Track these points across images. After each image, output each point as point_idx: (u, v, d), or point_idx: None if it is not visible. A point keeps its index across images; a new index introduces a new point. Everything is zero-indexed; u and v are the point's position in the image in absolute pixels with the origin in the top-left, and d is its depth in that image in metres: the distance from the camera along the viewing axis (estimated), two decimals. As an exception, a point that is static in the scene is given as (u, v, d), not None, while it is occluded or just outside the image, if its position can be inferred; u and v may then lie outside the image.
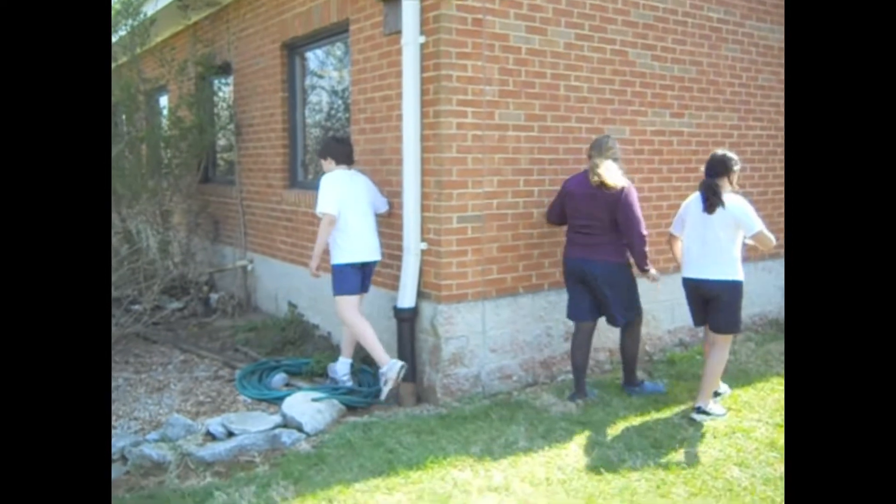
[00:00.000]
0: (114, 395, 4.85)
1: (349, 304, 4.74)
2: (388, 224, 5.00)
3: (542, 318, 5.01)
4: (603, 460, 3.77)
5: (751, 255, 6.42)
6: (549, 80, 4.89)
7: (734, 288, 4.29)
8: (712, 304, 4.35)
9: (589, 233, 4.53)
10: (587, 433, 4.13)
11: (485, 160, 4.65)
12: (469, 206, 4.62)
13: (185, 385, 5.04)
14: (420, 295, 4.71)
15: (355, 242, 4.74)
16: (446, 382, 4.63)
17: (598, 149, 4.54)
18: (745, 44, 6.11)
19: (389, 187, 4.98)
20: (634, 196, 4.50)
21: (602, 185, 4.41)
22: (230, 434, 4.08)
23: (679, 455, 3.84)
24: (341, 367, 4.98)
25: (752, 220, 4.25)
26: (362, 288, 4.84)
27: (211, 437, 4.09)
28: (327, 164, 4.93)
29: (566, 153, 5.03)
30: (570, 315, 4.73)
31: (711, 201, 4.26)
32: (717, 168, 4.35)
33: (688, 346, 5.86)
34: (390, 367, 4.51)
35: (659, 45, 5.47)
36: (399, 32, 4.63)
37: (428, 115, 4.57)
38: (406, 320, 4.66)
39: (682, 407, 4.54)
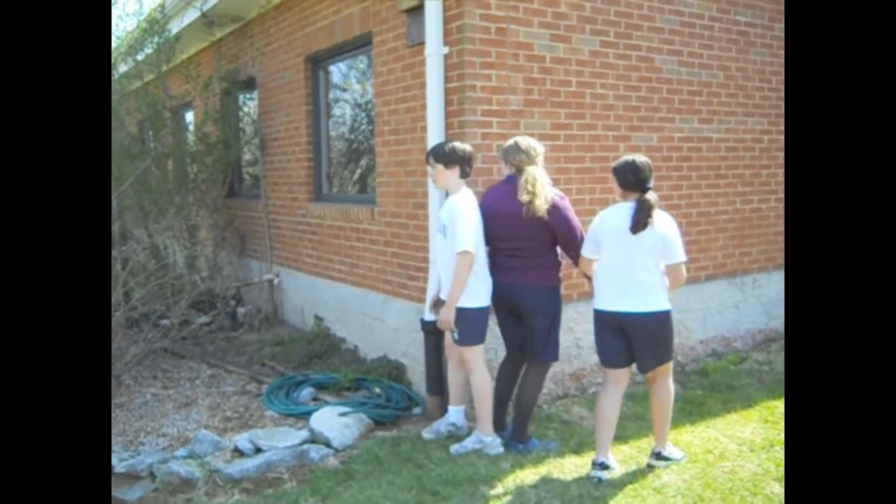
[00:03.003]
0: (142, 411, 4.86)
1: (480, 354, 4.07)
2: (414, 236, 4.96)
3: (572, 329, 4.92)
4: (636, 475, 3.68)
5: (784, 263, 6.28)
6: (574, 88, 4.83)
7: (666, 319, 3.62)
8: (643, 341, 3.61)
9: (520, 255, 3.94)
10: (620, 447, 4.03)
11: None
12: (495, 216, 4.56)
13: (212, 400, 5.04)
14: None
15: (486, 282, 4.01)
16: (470, 396, 4.56)
17: (526, 153, 3.88)
18: (774, 47, 5.99)
19: (415, 198, 4.94)
20: (569, 205, 3.95)
21: (531, 204, 3.77)
22: (258, 450, 4.05)
23: (716, 470, 3.73)
24: (456, 416, 4.30)
25: (680, 247, 3.60)
26: None
27: (239, 453, 4.06)
28: (450, 173, 4.00)
29: (593, 161, 4.96)
30: (505, 343, 4.23)
31: (644, 219, 3.49)
32: (650, 177, 3.61)
33: (721, 356, 5.73)
34: (490, 443, 4.02)
35: (685, 51, 5.39)
36: (422, 44, 4.61)
37: (452, 126, 4.53)
38: (432, 332, 4.60)
39: (716, 419, 4.42)
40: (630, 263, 3.57)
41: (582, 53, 4.85)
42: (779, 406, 4.62)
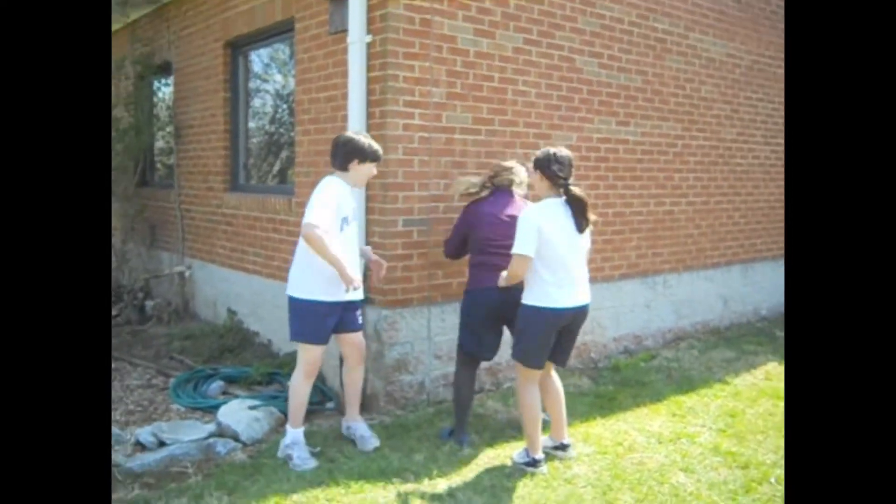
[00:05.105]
0: (37, 405, 4.58)
1: None
2: (332, 227, 4.87)
3: (489, 324, 4.94)
4: (549, 467, 3.70)
5: (693, 265, 6.50)
6: (496, 83, 4.85)
7: None
8: (574, 333, 3.77)
9: (507, 255, 3.85)
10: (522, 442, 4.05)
11: (431, 163, 4.57)
12: (415, 209, 4.53)
13: (115, 394, 4.78)
14: (363, 300, 4.58)
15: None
16: (390, 390, 4.51)
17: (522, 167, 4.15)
18: (688, 55, 6.20)
19: (334, 190, 4.85)
20: None
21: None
22: (161, 444, 3.88)
23: (625, 461, 3.80)
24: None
25: None
26: None
27: (140, 446, 3.88)
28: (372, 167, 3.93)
29: (514, 158, 4.98)
30: (482, 352, 4.10)
31: (585, 219, 3.61)
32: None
33: (632, 353, 5.86)
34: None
35: (606, 53, 5.51)
36: (345, 31, 4.53)
37: (374, 116, 4.48)
38: (349, 326, 4.52)
39: (626, 413, 4.51)
40: (577, 258, 3.63)
41: (505, 50, 4.87)
42: (686, 401, 4.76)
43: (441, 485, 3.50)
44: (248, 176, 6.31)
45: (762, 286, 7.38)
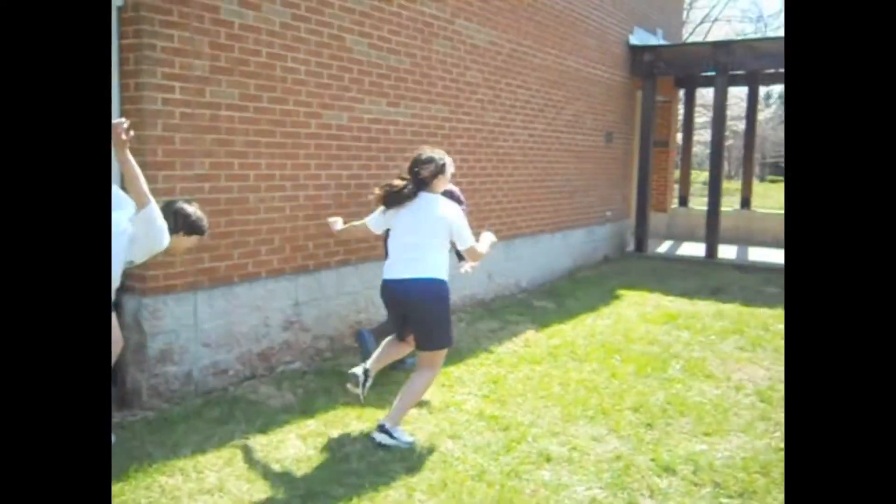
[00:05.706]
0: None
1: None
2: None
3: (260, 307, 4.81)
4: (323, 448, 3.72)
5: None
6: (264, 59, 4.69)
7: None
8: (408, 313, 4.04)
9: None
10: (308, 423, 4.05)
11: (195, 140, 4.32)
12: (177, 189, 4.25)
13: None
14: (121, 288, 4.24)
15: None
16: (153, 383, 4.24)
17: None
18: (454, 41, 6.45)
19: (82, 167, 4.40)
20: None
21: None
22: None
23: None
24: None
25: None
26: None
27: None
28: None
29: (284, 137, 4.87)
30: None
31: None
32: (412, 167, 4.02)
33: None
34: None
35: (375, 34, 5.55)
36: (91, -8, 4.11)
37: (128, 88, 4.12)
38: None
39: (400, 387, 4.64)
40: (408, 240, 3.93)
41: (273, 24, 4.72)
42: (454, 371, 5.01)
43: (210, 478, 3.37)
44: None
45: (522, 260, 7.97)
